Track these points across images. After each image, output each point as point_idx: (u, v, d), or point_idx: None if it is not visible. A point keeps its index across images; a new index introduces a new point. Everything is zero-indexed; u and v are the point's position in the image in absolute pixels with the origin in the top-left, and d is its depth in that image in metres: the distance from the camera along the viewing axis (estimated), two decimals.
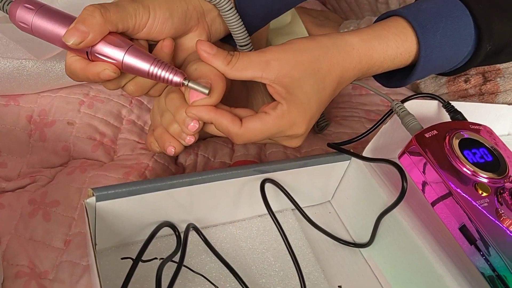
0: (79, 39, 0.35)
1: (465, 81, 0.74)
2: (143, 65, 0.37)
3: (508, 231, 0.37)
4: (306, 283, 0.42)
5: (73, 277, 0.41)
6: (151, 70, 0.37)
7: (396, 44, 0.43)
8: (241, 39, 0.43)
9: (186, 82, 0.37)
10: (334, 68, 0.41)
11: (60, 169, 0.49)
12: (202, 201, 0.43)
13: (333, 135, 0.63)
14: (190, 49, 0.45)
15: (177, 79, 0.37)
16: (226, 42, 0.49)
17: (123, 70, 0.37)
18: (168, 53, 0.41)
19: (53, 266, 0.41)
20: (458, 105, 0.48)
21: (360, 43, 0.42)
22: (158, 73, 0.37)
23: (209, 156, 0.57)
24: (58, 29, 0.36)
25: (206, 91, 0.37)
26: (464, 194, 0.38)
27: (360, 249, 0.50)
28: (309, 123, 0.41)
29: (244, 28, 0.44)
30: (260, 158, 0.58)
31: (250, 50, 0.46)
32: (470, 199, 0.38)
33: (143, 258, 0.39)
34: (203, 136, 0.60)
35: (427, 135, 0.42)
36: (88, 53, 0.37)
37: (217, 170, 0.42)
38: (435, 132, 0.42)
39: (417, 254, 0.42)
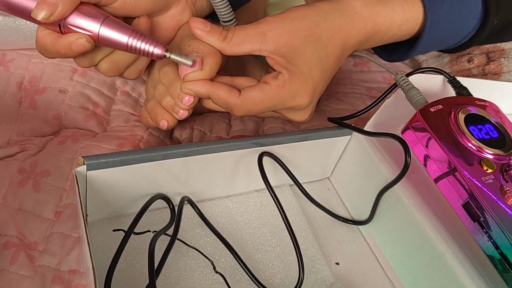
0: (48, 12, 0.33)
1: (468, 61, 0.72)
2: (121, 37, 0.34)
3: None
4: (303, 259, 0.41)
5: (64, 249, 0.39)
6: (129, 43, 0.35)
7: (402, 10, 0.41)
8: (224, 14, 0.40)
9: (168, 54, 0.35)
10: (336, 34, 0.39)
11: (50, 138, 0.47)
12: (197, 173, 0.42)
13: (333, 111, 0.61)
14: (172, 27, 0.43)
15: (158, 51, 0.35)
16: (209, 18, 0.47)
17: (100, 43, 0.35)
18: (144, 30, 0.38)
19: (43, 238, 0.40)
20: (463, 81, 0.46)
21: (364, 7, 0.40)
22: (138, 46, 0.35)
23: (205, 131, 0.55)
24: (29, 3, 0.34)
25: (190, 63, 0.36)
26: (469, 170, 0.37)
27: (358, 226, 0.49)
28: (312, 93, 0.39)
29: (227, 2, 0.41)
30: (258, 133, 0.57)
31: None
32: (475, 175, 0.37)
33: (136, 230, 0.38)
34: (200, 111, 0.58)
35: (432, 110, 0.40)
36: (61, 26, 0.34)
37: (214, 141, 0.40)
38: (440, 106, 0.41)
39: (417, 231, 0.41)
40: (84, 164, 0.35)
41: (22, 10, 0.34)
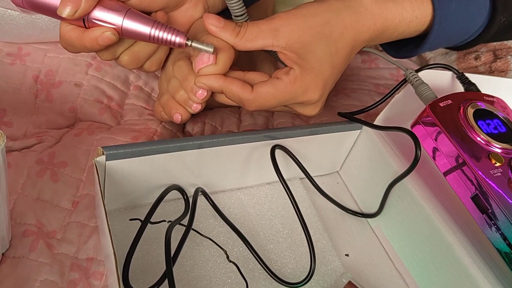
0: (73, 9, 0.34)
1: (475, 58, 0.73)
2: (144, 28, 0.36)
3: None
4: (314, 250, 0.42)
5: (81, 238, 0.40)
6: (152, 33, 0.36)
7: (411, 7, 0.42)
8: (236, 9, 0.41)
9: (189, 42, 0.37)
10: (346, 31, 0.39)
11: (66, 131, 0.48)
12: (211, 165, 0.43)
13: (342, 107, 0.62)
14: (186, 22, 0.44)
15: (180, 40, 0.36)
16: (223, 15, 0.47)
17: (123, 35, 0.37)
18: None
19: (61, 227, 0.41)
20: (471, 77, 0.47)
21: (374, 4, 0.40)
22: (160, 35, 0.36)
23: (216, 125, 0.56)
24: (53, 1, 0.35)
25: (211, 50, 0.37)
26: (477, 164, 0.38)
27: (367, 219, 0.49)
28: (323, 88, 0.40)
29: None
30: (267, 128, 0.58)
31: (246, 21, 0.45)
32: (484, 169, 0.38)
33: (152, 220, 0.39)
34: (211, 106, 0.59)
35: (441, 104, 0.41)
36: (85, 21, 0.36)
37: (227, 134, 0.41)
38: (449, 101, 0.42)
39: (426, 223, 0.42)
40: (103, 154, 0.36)
41: (47, 8, 0.35)
